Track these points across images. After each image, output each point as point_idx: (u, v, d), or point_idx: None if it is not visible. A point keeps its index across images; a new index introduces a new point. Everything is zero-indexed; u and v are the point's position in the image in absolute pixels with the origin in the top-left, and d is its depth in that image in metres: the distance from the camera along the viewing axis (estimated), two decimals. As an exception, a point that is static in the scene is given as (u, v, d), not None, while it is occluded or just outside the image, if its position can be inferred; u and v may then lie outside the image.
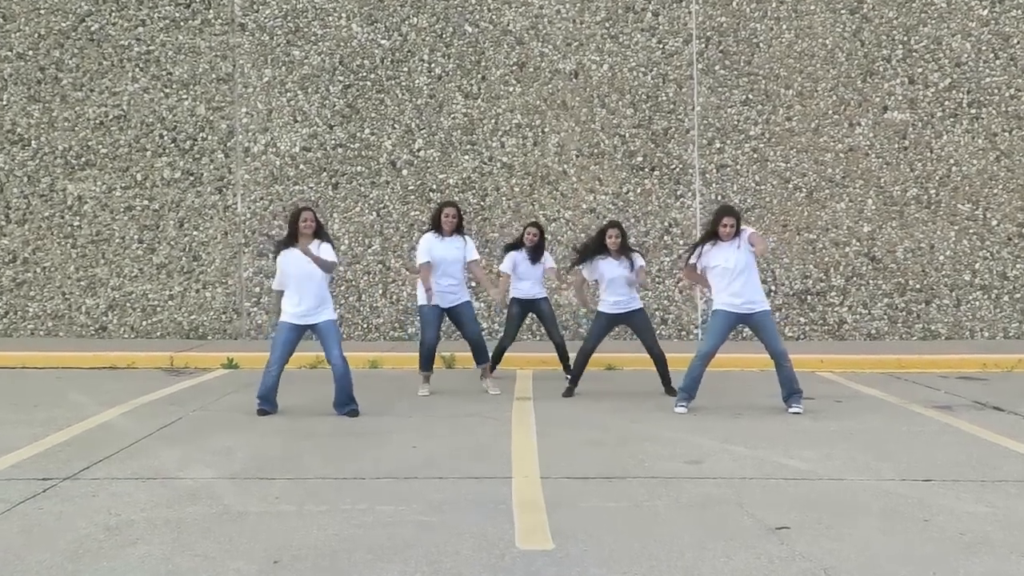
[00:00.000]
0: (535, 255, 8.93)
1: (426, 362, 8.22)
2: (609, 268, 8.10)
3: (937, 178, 11.73)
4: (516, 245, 9.03)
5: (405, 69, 11.88)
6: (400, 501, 4.89)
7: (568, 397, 8.12)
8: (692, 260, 7.42)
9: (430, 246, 8.02)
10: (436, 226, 8.13)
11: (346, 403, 7.28)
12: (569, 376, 8.76)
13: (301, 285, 7.17)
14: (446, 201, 8.42)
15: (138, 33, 11.98)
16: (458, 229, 8.12)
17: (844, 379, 9.39)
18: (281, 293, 7.26)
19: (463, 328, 8.10)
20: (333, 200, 11.91)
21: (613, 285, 8.08)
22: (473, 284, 10.38)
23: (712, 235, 7.32)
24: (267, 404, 7.27)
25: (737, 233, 7.26)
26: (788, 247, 11.77)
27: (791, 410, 7.24)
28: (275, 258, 7.36)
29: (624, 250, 8.12)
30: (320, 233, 7.33)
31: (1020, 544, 4.28)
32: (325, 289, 7.30)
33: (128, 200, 11.97)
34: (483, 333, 8.18)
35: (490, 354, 8.58)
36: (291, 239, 7.27)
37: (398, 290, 11.88)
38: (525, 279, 8.87)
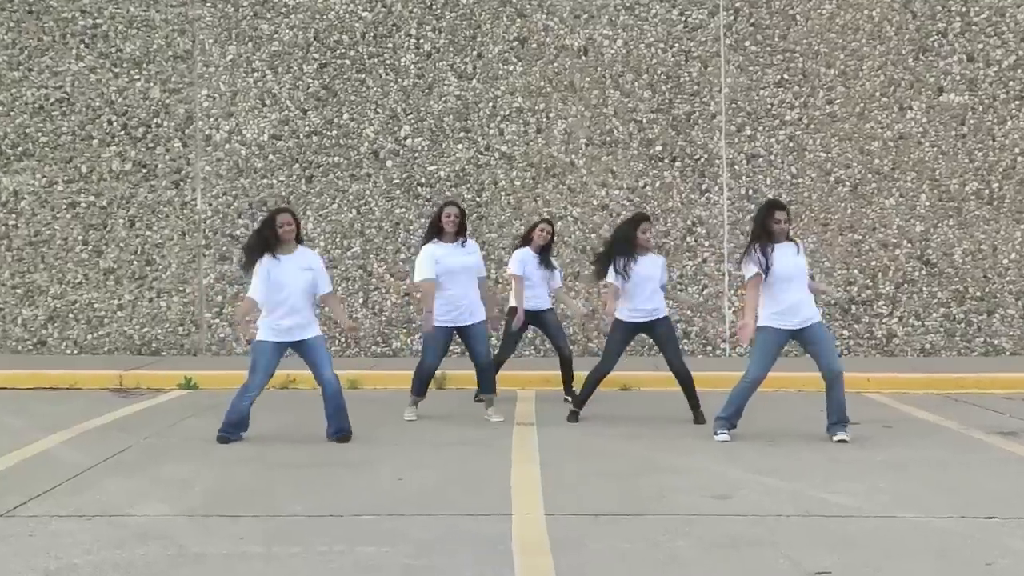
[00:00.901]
0: (546, 257, 8.94)
1: (420, 385, 8.19)
2: (644, 267, 7.94)
3: (1000, 169, 11.75)
4: (522, 244, 9.06)
5: (390, 45, 11.91)
6: (384, 542, 4.89)
7: (573, 422, 8.10)
8: (756, 268, 7.04)
9: (434, 257, 7.90)
10: (436, 231, 8.04)
11: (341, 426, 7.28)
12: (569, 398, 8.77)
13: (294, 300, 7.15)
14: (447, 201, 8.39)
15: (83, 4, 12.01)
16: (460, 232, 8.07)
17: (894, 401, 9.39)
18: (254, 303, 7.23)
19: (472, 347, 8.03)
20: (307, 196, 11.92)
21: (642, 289, 7.92)
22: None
23: (764, 234, 7.19)
24: (232, 431, 7.27)
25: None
26: (830, 249, 11.78)
27: (836, 438, 7.23)
28: (246, 267, 7.31)
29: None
30: (300, 237, 7.35)
31: (1096, 590, 4.27)
32: (312, 303, 7.34)
33: (71, 196, 11.99)
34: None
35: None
36: (265, 245, 7.23)
37: (381, 299, 11.89)
38: (533, 286, 8.88)
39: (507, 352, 8.90)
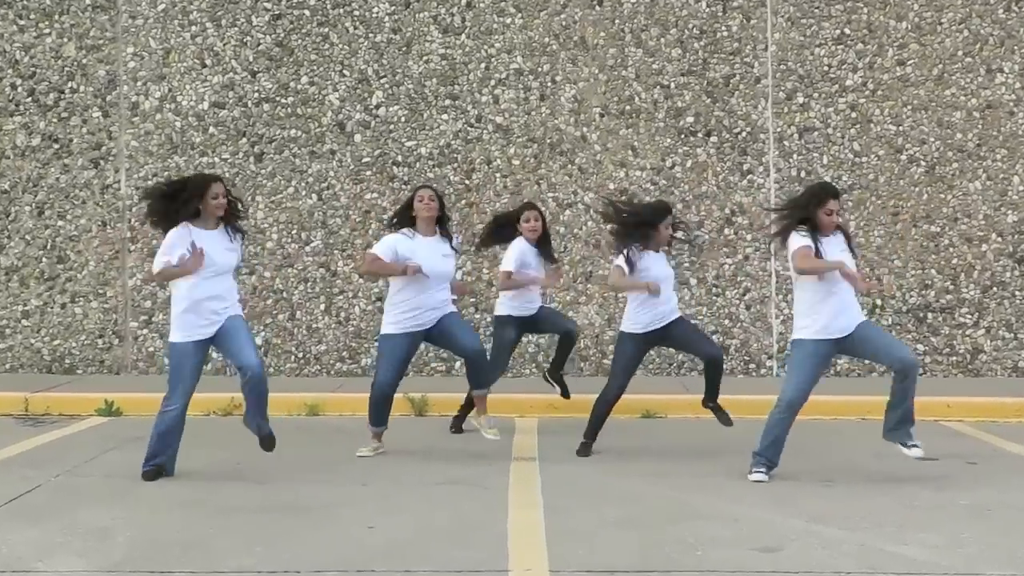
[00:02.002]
0: (547, 251, 9.00)
1: (377, 413, 8.11)
2: (657, 265, 8.07)
3: (1111, 147, 11.77)
4: (505, 227, 9.07)
5: (358, -8, 11.95)
6: (350, 604, 4.89)
7: (584, 456, 8.12)
8: (808, 243, 7.17)
9: (394, 249, 7.95)
10: (406, 220, 8.08)
11: (259, 422, 7.30)
12: (553, 382, 9.14)
13: (219, 280, 7.20)
14: (421, 184, 8.41)
15: (-19, -59, 12.02)
16: (439, 223, 8.08)
17: (980, 431, 9.37)
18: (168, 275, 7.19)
19: (454, 340, 8.04)
20: (256, 177, 11.91)
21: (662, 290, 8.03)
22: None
23: (804, 221, 7.24)
24: (158, 463, 7.26)
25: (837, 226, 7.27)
26: (901, 244, 11.78)
27: (909, 452, 7.20)
28: (165, 229, 7.28)
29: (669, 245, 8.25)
30: (232, 217, 7.37)
31: None
32: (233, 284, 7.45)
33: (-34, 177, 12.00)
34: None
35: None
36: (185, 209, 7.20)
37: (347, 305, 11.88)
38: (533, 286, 8.94)
39: (499, 366, 8.90)
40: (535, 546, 5.76)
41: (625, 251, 8.02)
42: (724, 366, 8.31)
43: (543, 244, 8.97)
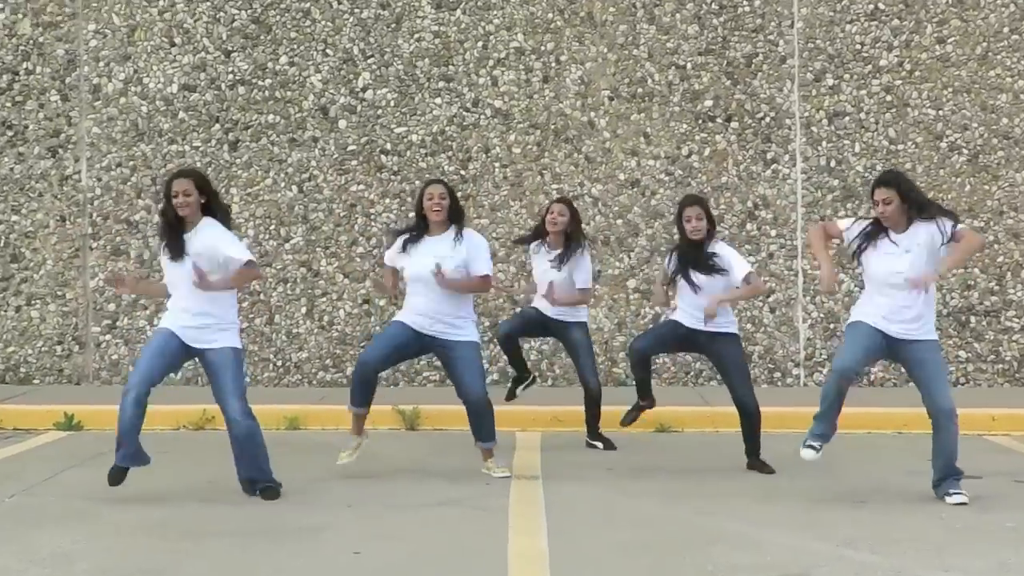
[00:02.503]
0: (566, 251, 8.94)
1: (357, 390, 8.00)
2: (693, 273, 8.27)
3: None
4: (535, 235, 9.10)
5: (343, -37, 11.95)
6: (334, 638, 4.89)
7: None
8: (842, 232, 7.32)
9: (397, 248, 8.01)
10: (422, 223, 7.99)
11: (256, 478, 7.28)
12: (599, 444, 8.98)
13: (191, 294, 7.20)
14: (430, 179, 8.37)
15: (-73, -93, 12.02)
16: (453, 219, 8.00)
17: (1028, 446, 9.41)
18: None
19: (456, 378, 7.97)
20: (231, 167, 11.91)
21: (693, 296, 8.18)
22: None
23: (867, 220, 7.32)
24: (128, 459, 7.24)
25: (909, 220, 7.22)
26: (940, 240, 11.77)
27: (951, 500, 7.22)
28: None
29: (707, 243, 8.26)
30: (213, 210, 7.36)
31: None
32: (227, 301, 7.35)
33: (-90, 167, 12.00)
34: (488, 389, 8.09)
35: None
36: (163, 218, 7.32)
37: (331, 308, 11.88)
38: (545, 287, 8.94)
39: (512, 327, 9.22)
40: (538, 574, 5.74)
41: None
42: (760, 411, 8.29)
43: (566, 244, 8.93)
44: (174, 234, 7.30)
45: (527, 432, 9.88)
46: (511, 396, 9.40)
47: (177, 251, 7.26)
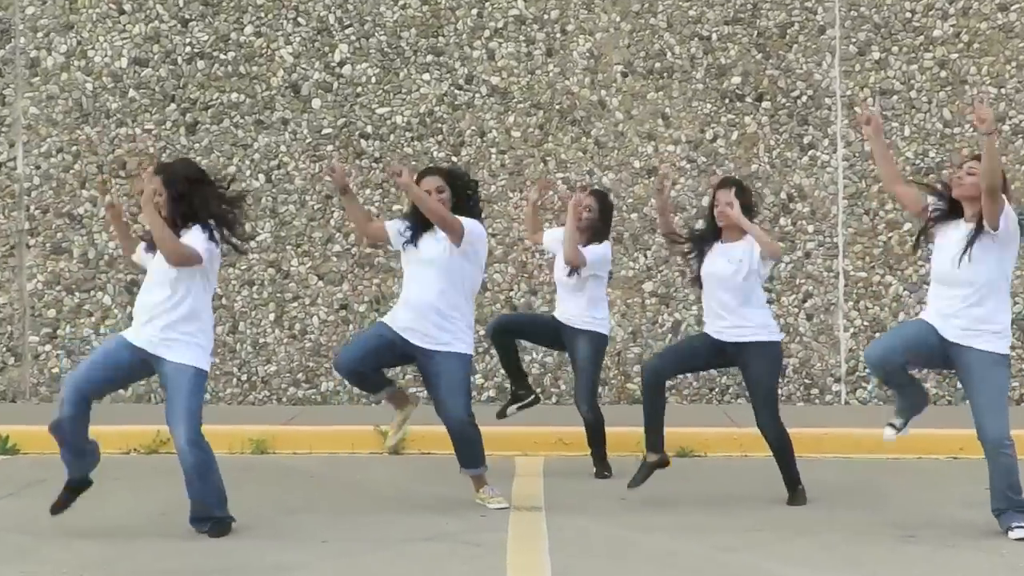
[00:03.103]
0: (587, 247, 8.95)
1: (360, 387, 8.40)
2: (711, 261, 8.12)
3: None
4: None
5: (317, -81, 11.91)
6: None
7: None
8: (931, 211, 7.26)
9: (398, 229, 8.03)
10: (413, 211, 8.01)
11: (205, 515, 7.22)
12: (607, 474, 8.97)
13: (155, 287, 7.16)
14: (426, 168, 8.35)
15: None
16: (459, 211, 7.97)
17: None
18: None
19: (435, 396, 7.97)
20: (189, 153, 11.84)
21: (713, 292, 8.10)
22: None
23: (944, 195, 7.26)
24: (77, 478, 7.23)
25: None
26: (1002, 237, 11.73)
27: (1013, 534, 7.18)
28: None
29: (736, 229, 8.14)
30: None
31: None
32: (206, 315, 7.30)
33: None
34: (474, 411, 8.02)
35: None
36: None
37: (303, 314, 11.83)
38: (564, 289, 9.00)
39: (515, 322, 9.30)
40: (539, 620, 5.72)
41: None
42: (788, 437, 8.21)
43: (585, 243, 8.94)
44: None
45: (528, 457, 9.85)
46: (502, 414, 9.23)
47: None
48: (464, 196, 7.95)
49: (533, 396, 9.27)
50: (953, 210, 7.18)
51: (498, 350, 9.25)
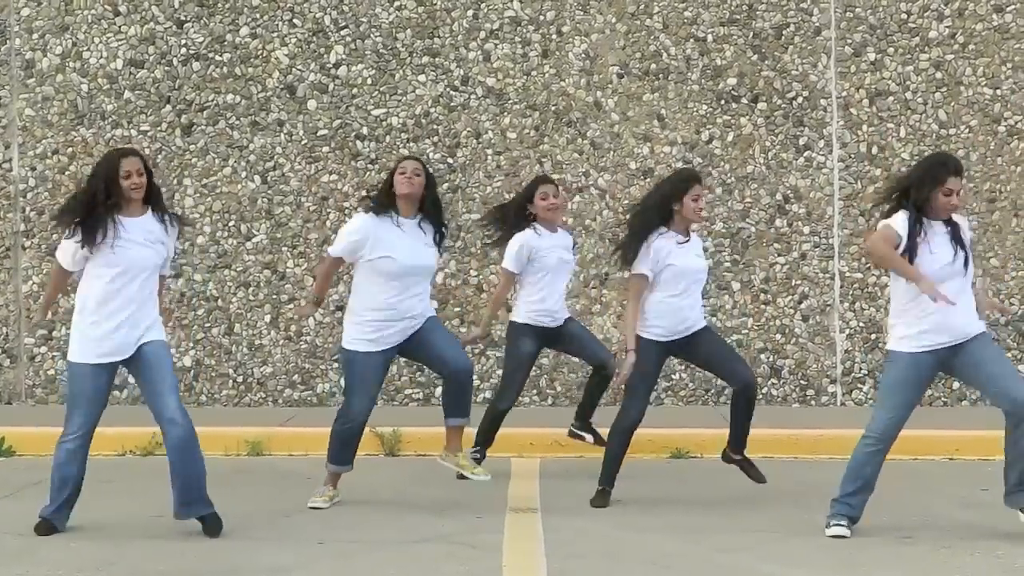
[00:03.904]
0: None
1: (344, 448, 8.09)
2: (683, 255, 8.00)
3: None
4: (516, 216, 9.00)
5: (313, -79, 11.92)
6: None
7: (601, 506, 8.11)
8: (890, 225, 7.16)
9: (365, 232, 7.93)
10: (387, 201, 8.00)
11: (193, 502, 7.23)
12: (586, 436, 9.06)
13: (127, 287, 7.14)
14: (406, 155, 8.40)
15: None
16: (423, 207, 8.06)
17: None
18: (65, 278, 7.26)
19: (435, 353, 8.03)
20: (184, 154, 11.86)
21: (684, 288, 8.02)
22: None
23: (919, 204, 7.18)
24: (57, 511, 7.23)
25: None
26: (999, 238, 11.74)
27: (1025, 517, 7.21)
28: (70, 233, 7.20)
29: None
30: (155, 200, 7.31)
31: None
32: (155, 294, 7.33)
33: None
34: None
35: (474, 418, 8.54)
36: (99, 201, 7.13)
37: (299, 317, 11.82)
38: (543, 287, 8.91)
39: (512, 397, 8.94)
40: (535, 621, 5.73)
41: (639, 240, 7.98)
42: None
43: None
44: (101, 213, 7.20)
45: (524, 458, 9.85)
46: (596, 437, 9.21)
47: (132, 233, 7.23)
48: (432, 184, 8.12)
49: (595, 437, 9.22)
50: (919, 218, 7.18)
51: (494, 429, 9.08)
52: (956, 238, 7.19)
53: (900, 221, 7.12)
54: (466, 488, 8.15)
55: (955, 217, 7.24)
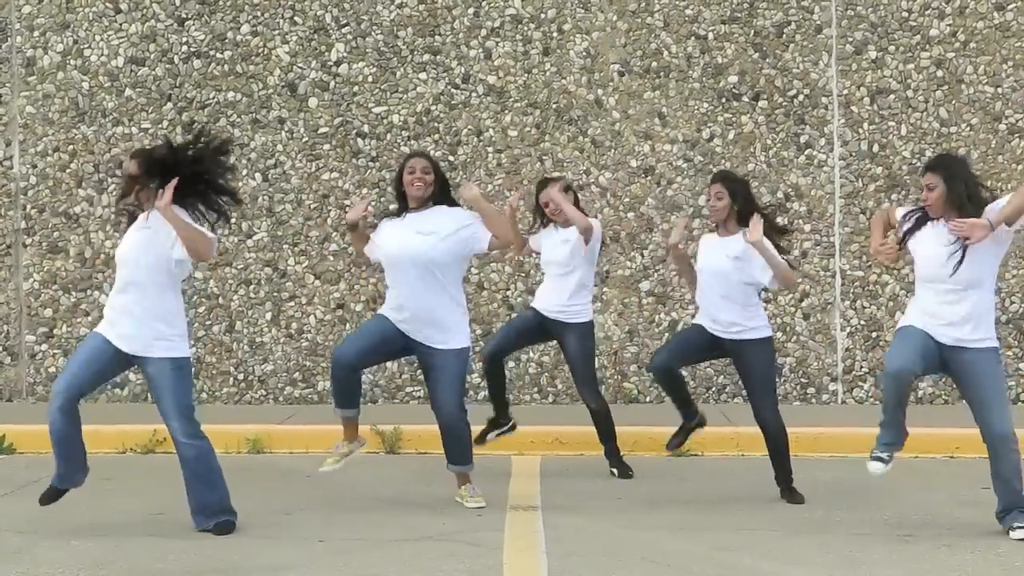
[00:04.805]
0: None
1: (338, 390, 8.01)
2: (708, 254, 8.25)
3: None
4: (539, 219, 9.10)
5: (314, -82, 11.93)
6: None
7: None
8: (902, 222, 7.31)
9: (381, 234, 8.01)
10: (401, 200, 8.03)
11: (212, 510, 7.25)
12: (615, 471, 8.95)
13: (128, 285, 7.17)
14: (412, 152, 8.39)
15: None
16: (438, 199, 8.00)
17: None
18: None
19: (430, 390, 8.00)
20: (186, 151, 11.86)
21: (711, 287, 8.18)
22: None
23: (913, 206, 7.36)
24: (65, 479, 7.24)
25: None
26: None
27: (1014, 534, 7.20)
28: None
29: (733, 223, 8.21)
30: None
31: None
32: (170, 299, 7.25)
33: None
34: (466, 405, 8.02)
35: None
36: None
37: (300, 313, 11.84)
38: (551, 279, 8.98)
39: (504, 346, 9.04)
40: (535, 619, 5.73)
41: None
42: (785, 430, 8.24)
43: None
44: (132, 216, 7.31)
45: (524, 456, 9.85)
46: (481, 440, 9.02)
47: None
48: (444, 178, 8.08)
49: (511, 424, 9.20)
50: (927, 214, 7.25)
51: (489, 378, 9.12)
52: (948, 240, 7.19)
53: (901, 210, 7.34)
54: (453, 484, 8.15)
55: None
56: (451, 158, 11.77)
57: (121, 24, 11.89)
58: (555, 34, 11.83)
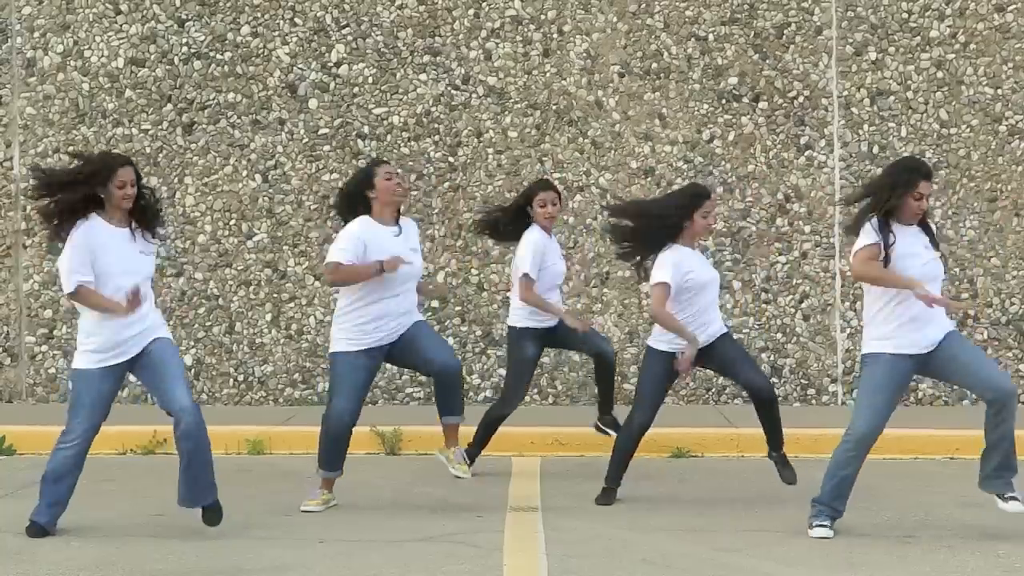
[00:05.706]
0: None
1: (332, 452, 8.02)
2: (701, 268, 8.15)
3: None
4: (513, 216, 9.04)
5: (314, -81, 11.92)
6: None
7: (605, 505, 8.12)
8: (876, 238, 7.20)
9: (362, 240, 7.91)
10: (360, 203, 8.03)
11: (200, 493, 7.24)
12: (608, 431, 8.92)
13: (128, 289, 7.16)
14: (377, 159, 8.41)
15: None
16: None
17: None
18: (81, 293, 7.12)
19: (423, 353, 8.03)
20: (185, 153, 11.87)
21: (700, 300, 8.07)
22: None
23: (890, 207, 7.25)
24: (47, 515, 7.22)
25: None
26: (999, 237, 11.74)
27: (1007, 506, 7.20)
28: (62, 234, 7.23)
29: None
30: (142, 218, 7.29)
31: None
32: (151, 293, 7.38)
33: None
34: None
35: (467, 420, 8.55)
36: (90, 202, 7.18)
37: (300, 315, 11.84)
38: (553, 287, 8.97)
39: (515, 401, 8.93)
40: (535, 620, 5.74)
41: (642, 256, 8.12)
42: (775, 396, 8.25)
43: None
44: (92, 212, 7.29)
45: (525, 457, 9.86)
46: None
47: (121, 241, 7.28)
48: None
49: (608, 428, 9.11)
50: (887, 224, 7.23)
51: (489, 433, 9.05)
52: (927, 241, 7.25)
53: (872, 234, 7.19)
54: (467, 487, 8.16)
55: (927, 221, 7.33)
56: (451, 159, 11.78)
57: (121, 25, 11.89)
58: (555, 35, 11.83)
